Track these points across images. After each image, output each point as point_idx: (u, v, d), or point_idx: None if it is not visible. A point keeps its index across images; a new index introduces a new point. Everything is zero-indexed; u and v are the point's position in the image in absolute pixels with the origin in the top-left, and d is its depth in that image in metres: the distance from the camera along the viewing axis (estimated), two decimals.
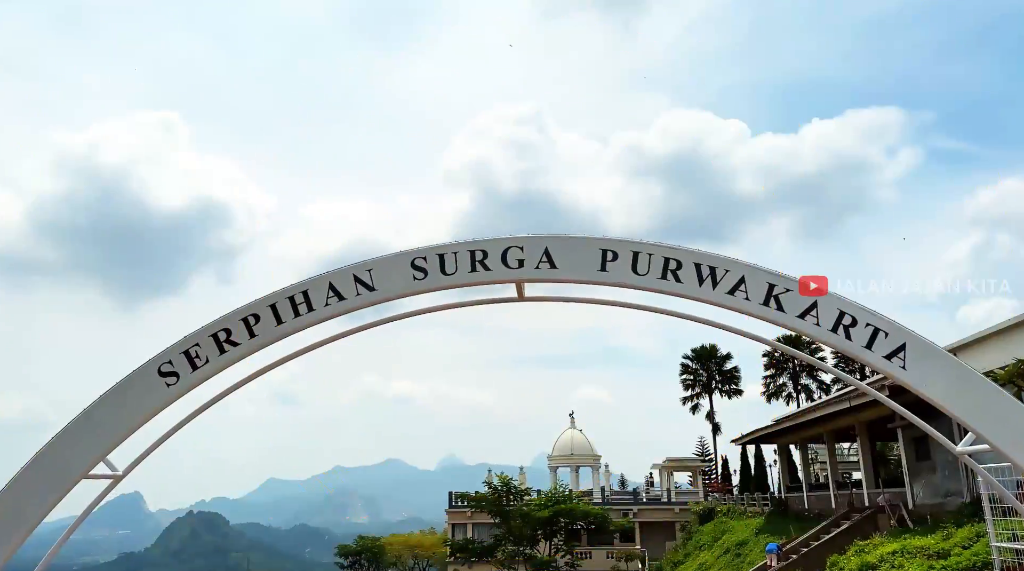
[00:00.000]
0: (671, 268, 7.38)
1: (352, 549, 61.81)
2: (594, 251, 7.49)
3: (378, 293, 7.58)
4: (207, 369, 7.44)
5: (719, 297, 7.31)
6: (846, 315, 7.17)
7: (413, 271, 7.60)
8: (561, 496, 44.94)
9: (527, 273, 7.54)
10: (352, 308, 7.57)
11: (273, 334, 7.55)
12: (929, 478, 23.23)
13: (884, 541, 17.13)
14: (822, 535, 26.21)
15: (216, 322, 7.51)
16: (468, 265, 7.55)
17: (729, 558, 35.37)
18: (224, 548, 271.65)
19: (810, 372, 66.69)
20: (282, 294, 7.61)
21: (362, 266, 7.62)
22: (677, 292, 7.37)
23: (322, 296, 7.56)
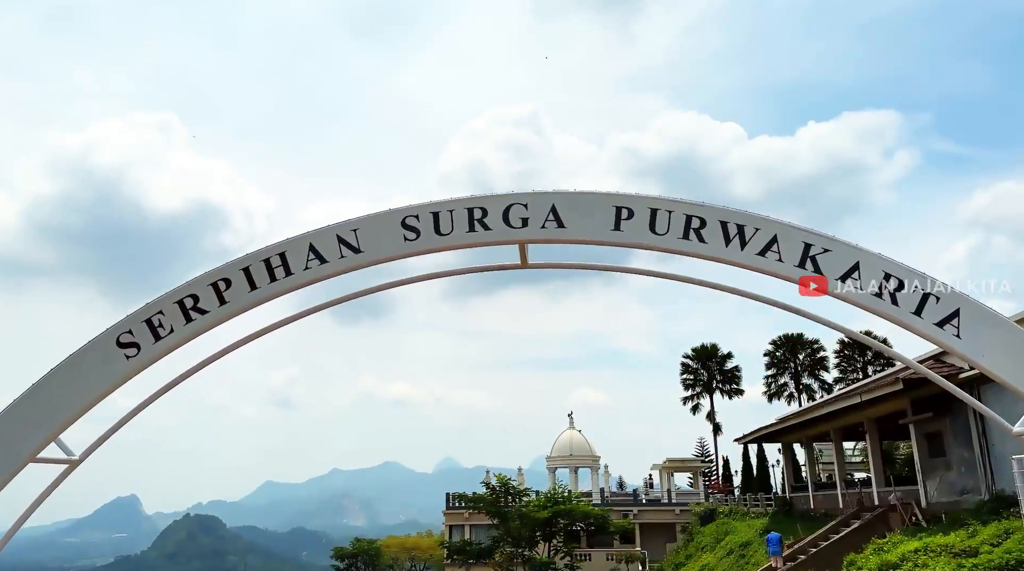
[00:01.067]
0: (694, 226, 6.58)
1: (348, 551, 61.12)
2: (606, 208, 6.69)
3: (365, 255, 6.77)
4: (171, 340, 6.63)
5: (748, 259, 6.52)
6: (891, 277, 6.37)
7: (404, 231, 6.80)
8: (560, 497, 44.06)
9: (531, 233, 6.74)
10: (335, 272, 6.76)
11: (246, 301, 6.74)
12: (943, 475, 22.40)
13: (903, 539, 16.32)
14: (831, 535, 25.36)
15: (182, 288, 6.70)
16: (466, 224, 6.75)
17: (733, 559, 34.49)
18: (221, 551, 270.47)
19: (812, 372, 65.95)
20: (256, 257, 6.79)
21: (347, 225, 6.82)
22: (700, 253, 6.57)
23: (301, 258, 6.75)
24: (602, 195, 6.73)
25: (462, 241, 6.78)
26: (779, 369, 66.36)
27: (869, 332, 66.98)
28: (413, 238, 6.79)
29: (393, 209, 6.86)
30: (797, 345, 65.87)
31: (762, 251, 6.53)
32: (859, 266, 6.42)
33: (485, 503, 43.44)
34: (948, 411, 21.84)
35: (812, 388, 64.85)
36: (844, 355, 64.98)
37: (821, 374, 65.37)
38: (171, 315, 6.67)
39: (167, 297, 6.71)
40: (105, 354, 6.60)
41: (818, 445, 40.29)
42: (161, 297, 6.72)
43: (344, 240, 6.79)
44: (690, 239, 6.57)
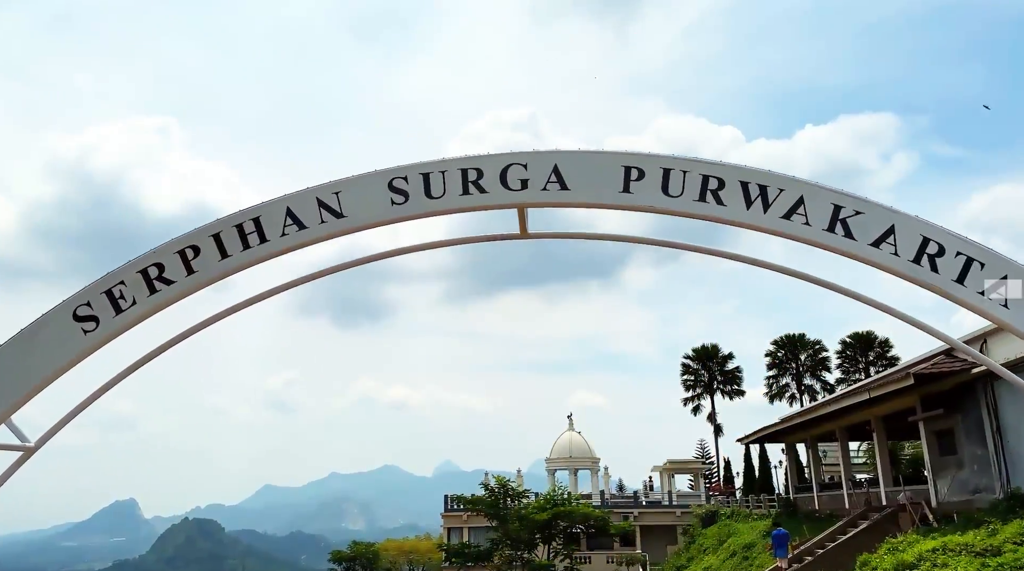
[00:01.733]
0: (711, 188, 5.95)
1: (346, 555, 60.55)
2: (615, 168, 6.05)
3: (348, 221, 6.14)
4: (134, 313, 5.99)
5: (772, 222, 5.89)
6: (931, 242, 5.74)
7: (391, 194, 6.17)
8: (560, 498, 43.43)
9: (532, 196, 6.11)
10: (315, 238, 6.12)
11: (216, 270, 6.10)
12: (955, 474, 21.77)
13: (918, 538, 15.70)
14: (838, 535, 24.75)
15: (145, 256, 6.05)
16: (459, 186, 6.11)
17: (736, 561, 33.88)
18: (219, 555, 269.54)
19: (813, 372, 65.36)
20: (228, 222, 6.16)
21: (328, 188, 6.18)
22: (719, 217, 5.94)
23: (278, 224, 6.11)
24: (610, 154, 6.10)
25: (455, 205, 6.15)
26: (780, 370, 65.80)
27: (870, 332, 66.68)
28: (401, 202, 6.17)
29: (379, 170, 6.23)
30: (799, 345, 65.29)
31: (787, 214, 5.91)
32: (895, 230, 5.80)
33: (484, 505, 42.83)
34: (960, 408, 21.23)
35: (814, 389, 64.27)
36: (846, 355, 64.45)
37: (823, 375, 64.81)
38: (133, 286, 6.04)
39: (129, 266, 6.08)
40: (60, 329, 5.97)
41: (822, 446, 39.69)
42: (122, 266, 6.09)
43: (325, 204, 6.16)
44: (707, 201, 5.95)
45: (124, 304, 6.02)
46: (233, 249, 6.13)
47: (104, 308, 6.00)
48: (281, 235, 6.13)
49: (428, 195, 6.14)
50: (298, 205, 6.17)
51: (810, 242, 5.88)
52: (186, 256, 6.10)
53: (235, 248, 6.13)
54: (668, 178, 5.99)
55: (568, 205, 6.20)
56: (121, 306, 6.01)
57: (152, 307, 6.07)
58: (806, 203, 5.88)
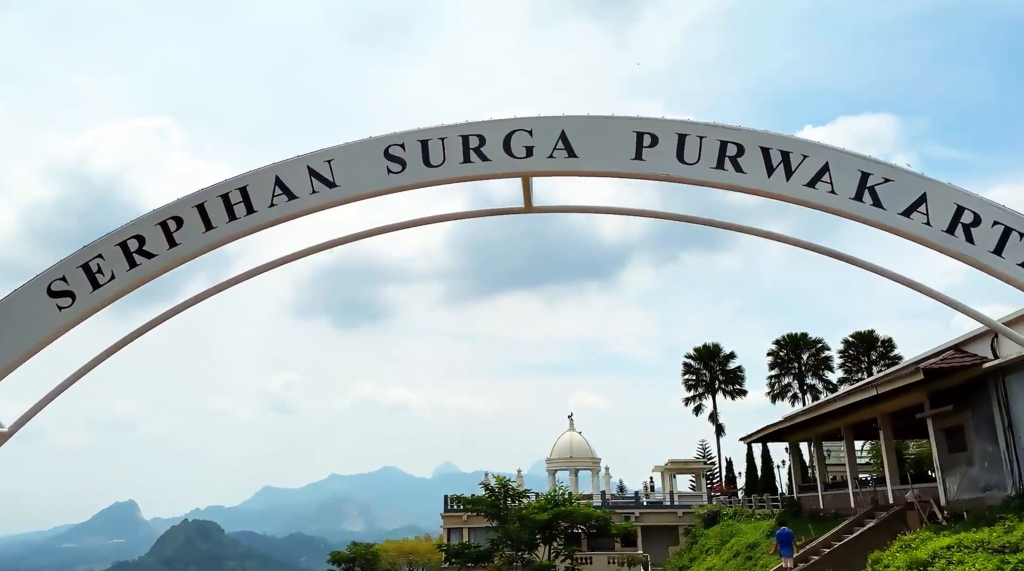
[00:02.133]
0: (729, 154, 5.56)
1: (345, 556, 60.22)
2: (626, 134, 5.66)
3: (341, 190, 5.75)
4: (112, 288, 5.60)
5: (795, 190, 5.51)
6: (966, 211, 5.35)
7: (388, 162, 5.77)
8: (561, 499, 43.03)
9: (537, 164, 5.72)
10: (306, 210, 5.73)
11: (200, 243, 5.72)
12: (965, 471, 21.36)
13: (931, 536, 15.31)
14: (844, 535, 24.36)
15: (125, 228, 5.66)
16: (459, 154, 5.72)
17: (739, 562, 33.48)
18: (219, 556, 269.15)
19: (816, 372, 64.95)
20: (212, 192, 5.77)
21: (320, 155, 5.78)
22: (738, 185, 5.55)
23: (266, 193, 5.72)
24: (620, 119, 5.71)
25: (455, 174, 5.77)
26: (783, 369, 65.38)
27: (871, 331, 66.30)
28: (398, 170, 5.78)
29: (374, 137, 5.84)
30: (801, 345, 64.89)
31: (811, 182, 5.52)
32: (926, 198, 5.42)
33: (484, 505, 42.44)
34: (970, 404, 20.82)
35: (816, 388, 63.83)
36: (848, 355, 64.02)
37: (825, 374, 64.37)
38: (112, 259, 5.66)
39: (107, 238, 5.69)
40: (34, 305, 5.58)
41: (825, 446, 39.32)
42: (100, 239, 5.71)
43: (317, 173, 5.77)
44: (725, 169, 5.56)
45: (102, 279, 5.63)
46: (218, 220, 5.75)
47: (80, 283, 5.61)
48: (270, 206, 5.75)
49: (427, 163, 5.76)
50: (288, 174, 5.79)
51: (836, 212, 5.50)
52: (168, 228, 5.71)
53: (220, 219, 5.75)
54: (683, 144, 5.61)
55: (576, 174, 5.81)
56: (99, 281, 5.63)
57: (132, 282, 5.68)
58: (831, 170, 5.50)
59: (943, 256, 6.70)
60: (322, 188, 5.78)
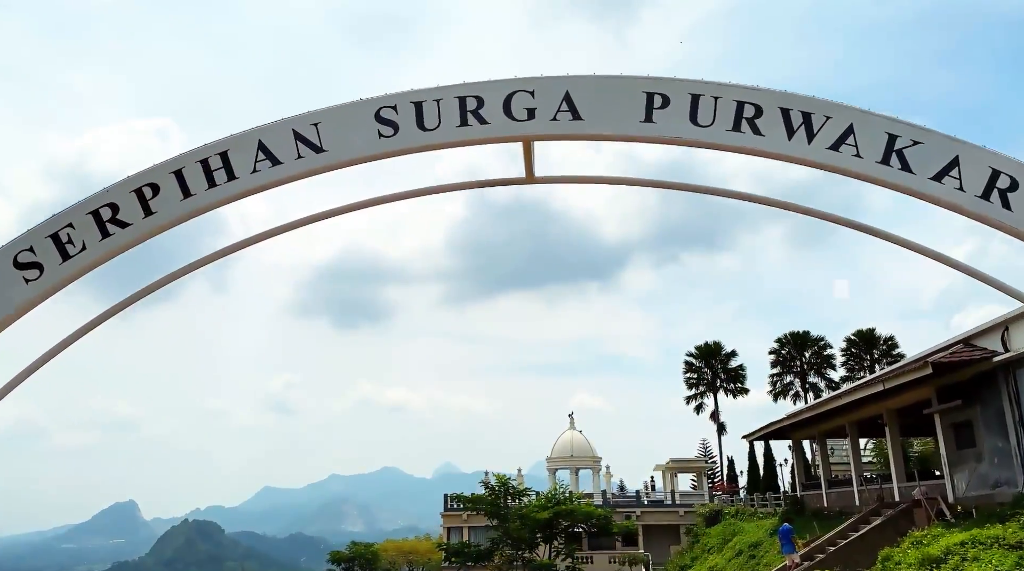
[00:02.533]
0: (747, 115, 5.17)
1: (345, 555, 60.00)
2: (635, 95, 5.27)
3: (328, 155, 5.35)
4: (84, 259, 5.21)
5: (818, 154, 5.11)
6: (1002, 175, 4.96)
7: (379, 126, 5.38)
8: (561, 497, 42.64)
9: (539, 127, 5.32)
10: (291, 176, 5.34)
11: (177, 211, 5.33)
12: (974, 467, 20.96)
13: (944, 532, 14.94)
14: (850, 533, 23.97)
15: (97, 196, 5.27)
16: (456, 117, 5.33)
17: (742, 560, 33.11)
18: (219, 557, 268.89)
19: (818, 370, 64.57)
20: (191, 157, 5.38)
21: (307, 118, 5.39)
22: (757, 148, 5.16)
23: (248, 159, 5.33)
24: (629, 78, 5.31)
25: (451, 138, 5.38)
26: (784, 368, 65.02)
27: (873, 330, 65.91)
28: (390, 134, 5.39)
29: (365, 99, 5.44)
30: (803, 343, 64.51)
31: (834, 145, 5.14)
32: (959, 162, 5.03)
33: (484, 504, 42.06)
34: (979, 398, 20.43)
35: (818, 387, 63.45)
36: (851, 353, 63.64)
37: (827, 373, 64.00)
38: (83, 228, 5.27)
39: (78, 207, 5.30)
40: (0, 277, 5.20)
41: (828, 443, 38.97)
42: (70, 207, 5.31)
43: (303, 137, 5.38)
44: (742, 131, 5.17)
45: (72, 249, 5.25)
46: (197, 187, 5.36)
47: (49, 254, 5.23)
48: (252, 172, 5.36)
49: (421, 127, 5.37)
50: (272, 138, 5.39)
51: (861, 176, 5.12)
52: (144, 195, 5.32)
53: (199, 186, 5.36)
54: (697, 105, 5.22)
55: (581, 137, 5.41)
56: (69, 252, 5.24)
57: (105, 253, 5.30)
58: (856, 132, 5.12)
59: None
60: (308, 153, 5.40)
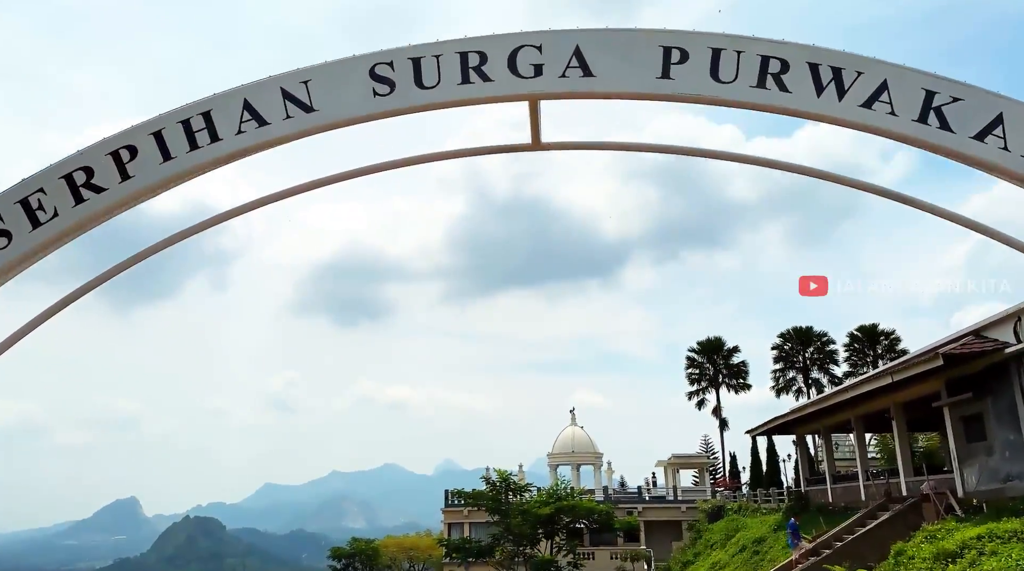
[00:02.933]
0: (772, 71, 4.78)
1: (346, 552, 59.72)
2: (651, 49, 4.88)
3: (319, 115, 4.97)
4: (56, 227, 4.83)
5: (849, 112, 4.72)
6: None
7: (374, 83, 4.99)
8: (563, 493, 42.33)
9: (547, 85, 4.93)
10: (278, 138, 4.96)
11: (157, 176, 4.94)
12: (984, 461, 20.58)
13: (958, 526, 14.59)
14: (857, 528, 23.65)
15: (70, 158, 4.89)
16: (457, 74, 4.94)
17: (746, 556, 32.80)
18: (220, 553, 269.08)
19: (821, 366, 64.22)
20: (171, 117, 4.99)
21: (296, 76, 5.00)
22: (783, 106, 4.76)
23: (233, 119, 4.95)
24: (644, 32, 4.92)
25: (452, 96, 4.99)
26: (787, 363, 64.68)
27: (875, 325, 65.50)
28: (386, 93, 5.00)
29: (359, 55, 5.06)
30: (806, 338, 64.14)
31: (867, 102, 4.75)
32: (1003, 119, 4.65)
33: (485, 499, 41.74)
34: (990, 391, 20.05)
35: (821, 383, 63.10)
36: (854, 349, 63.27)
37: (831, 368, 63.66)
38: (55, 194, 4.89)
39: (50, 170, 4.91)
40: None
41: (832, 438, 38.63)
42: (42, 171, 4.93)
43: (291, 95, 4.99)
44: (768, 88, 4.78)
45: (43, 216, 4.87)
46: (178, 150, 4.98)
47: (18, 221, 4.85)
48: (237, 133, 4.97)
49: (419, 85, 4.98)
50: (258, 97, 5.00)
51: (896, 136, 4.73)
52: (120, 158, 4.94)
53: (180, 148, 4.98)
54: (718, 60, 4.83)
55: (592, 96, 5.02)
56: (39, 219, 4.86)
57: (79, 221, 4.92)
58: (891, 89, 4.74)
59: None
60: (297, 113, 5.01)
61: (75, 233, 4.94)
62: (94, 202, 4.91)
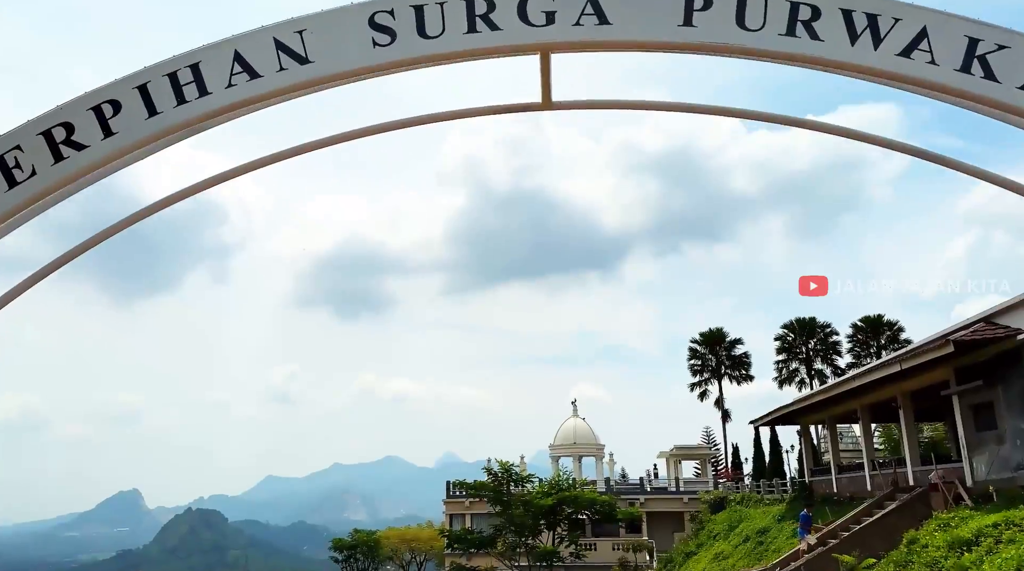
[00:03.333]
0: (802, 18, 4.45)
1: (347, 543, 59.77)
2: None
3: (315, 68, 4.63)
4: (33, 186, 4.51)
5: (886, 61, 4.38)
6: None
7: (373, 33, 4.65)
8: (565, 484, 42.11)
9: (560, 34, 4.60)
10: (271, 92, 4.62)
11: (141, 132, 4.61)
12: (995, 450, 20.31)
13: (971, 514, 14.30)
14: (864, 518, 23.39)
15: (49, 114, 4.57)
16: (463, 22, 4.61)
17: (750, 546, 32.62)
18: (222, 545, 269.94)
19: (824, 357, 63.90)
20: (157, 70, 4.65)
21: (290, 25, 4.66)
22: (814, 56, 4.42)
23: (223, 71, 4.61)
24: None
25: (457, 47, 4.66)
26: (790, 354, 64.33)
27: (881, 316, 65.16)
28: (386, 43, 4.67)
29: (357, 2, 4.72)
30: (809, 329, 63.79)
31: (905, 51, 4.41)
32: None
33: (487, 490, 41.51)
34: (1001, 379, 19.77)
35: (824, 374, 62.79)
36: (857, 339, 62.92)
37: (834, 359, 63.33)
38: (33, 151, 4.55)
39: (27, 126, 4.58)
40: None
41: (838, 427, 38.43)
42: (19, 127, 4.60)
43: (285, 46, 4.66)
44: (797, 35, 4.45)
45: (20, 175, 4.55)
46: (164, 104, 4.65)
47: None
48: (227, 86, 4.63)
49: (422, 34, 4.64)
50: (250, 48, 4.67)
51: (937, 87, 4.40)
52: (103, 114, 4.61)
53: (166, 103, 4.65)
54: (744, 6, 4.50)
55: (607, 46, 4.69)
56: (16, 177, 4.54)
57: (59, 179, 4.59)
58: (931, 36, 4.40)
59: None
60: (292, 65, 4.67)
61: (53, 192, 4.61)
62: (75, 160, 4.59)
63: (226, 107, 4.67)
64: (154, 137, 4.64)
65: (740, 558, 31.92)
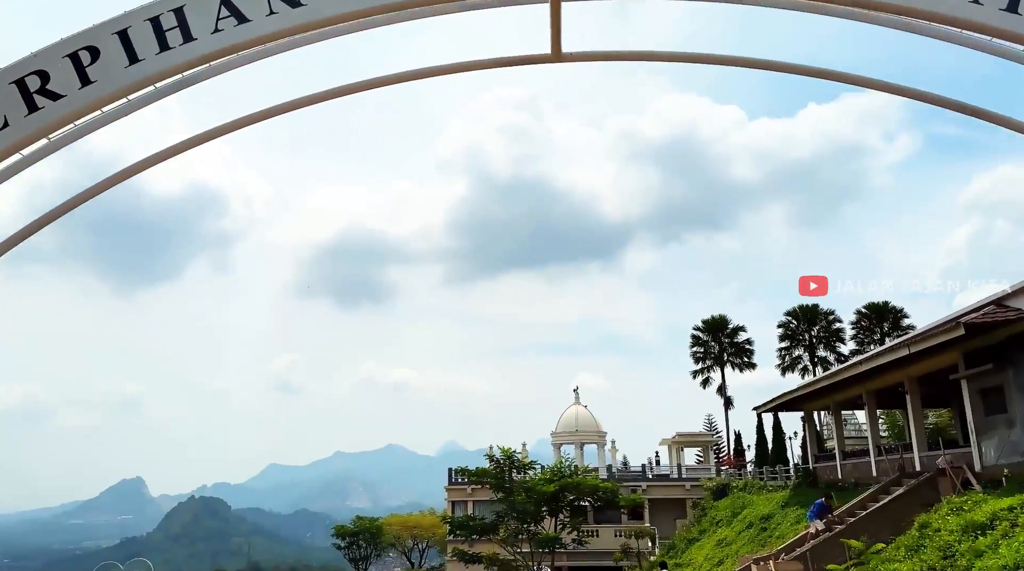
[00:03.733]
0: None
1: (350, 530, 60.02)
2: None
3: (307, 11, 4.31)
4: (5, 138, 4.19)
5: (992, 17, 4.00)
6: None
7: None
8: (567, 470, 42.00)
9: None
10: (260, 37, 4.31)
11: (121, 81, 4.30)
12: (1005, 434, 20.03)
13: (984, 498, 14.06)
14: (870, 503, 23.21)
15: (23, 61, 4.25)
16: None
17: (753, 532, 32.52)
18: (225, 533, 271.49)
19: (827, 344, 63.67)
20: (139, 15, 4.33)
21: None
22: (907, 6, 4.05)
23: (209, 16, 4.29)
24: None
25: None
26: (793, 341, 64.14)
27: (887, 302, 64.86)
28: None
29: None
30: (812, 316, 63.54)
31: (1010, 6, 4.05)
32: None
33: (489, 477, 41.39)
34: (1011, 362, 19.47)
35: (828, 361, 62.57)
36: (861, 326, 62.66)
37: (837, 346, 63.12)
38: (5, 101, 4.24)
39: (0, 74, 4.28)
40: None
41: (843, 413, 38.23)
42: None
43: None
44: None
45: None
46: (146, 51, 4.33)
47: None
48: (213, 31, 4.31)
49: None
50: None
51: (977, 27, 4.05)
52: (80, 61, 4.29)
53: (148, 50, 4.33)
54: None
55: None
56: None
57: (33, 132, 4.28)
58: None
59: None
60: (283, 8, 4.34)
61: (28, 145, 4.30)
62: (50, 111, 4.28)
63: (210, 54, 4.34)
64: (134, 86, 4.34)
65: (743, 544, 31.82)
